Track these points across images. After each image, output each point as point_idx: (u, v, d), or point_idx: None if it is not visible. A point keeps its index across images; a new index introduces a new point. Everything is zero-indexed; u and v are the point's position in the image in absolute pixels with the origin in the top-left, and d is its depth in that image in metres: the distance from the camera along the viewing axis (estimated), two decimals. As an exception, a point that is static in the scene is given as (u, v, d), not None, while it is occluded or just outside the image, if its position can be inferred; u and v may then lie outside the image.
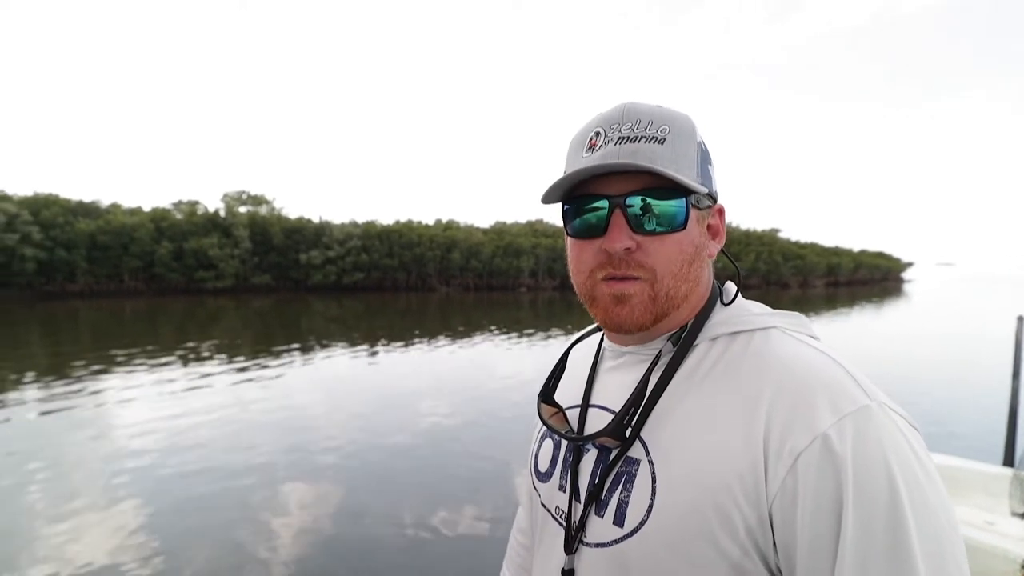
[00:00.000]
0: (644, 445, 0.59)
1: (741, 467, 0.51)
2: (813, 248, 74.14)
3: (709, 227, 0.65)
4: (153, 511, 4.06)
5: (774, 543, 0.50)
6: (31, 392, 8.22)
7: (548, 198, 0.63)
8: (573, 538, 0.63)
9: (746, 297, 0.68)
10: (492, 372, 9.62)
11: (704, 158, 0.62)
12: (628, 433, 0.59)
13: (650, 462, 0.57)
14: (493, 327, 17.43)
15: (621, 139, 0.59)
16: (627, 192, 0.58)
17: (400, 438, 5.77)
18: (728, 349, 0.59)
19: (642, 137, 0.59)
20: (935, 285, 68.58)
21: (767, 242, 66.82)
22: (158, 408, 7.10)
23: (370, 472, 4.86)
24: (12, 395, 7.95)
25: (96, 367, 10.09)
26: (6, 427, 6.34)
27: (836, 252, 78.89)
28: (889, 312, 28.12)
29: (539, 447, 0.75)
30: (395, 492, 4.41)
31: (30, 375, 9.40)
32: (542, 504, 0.71)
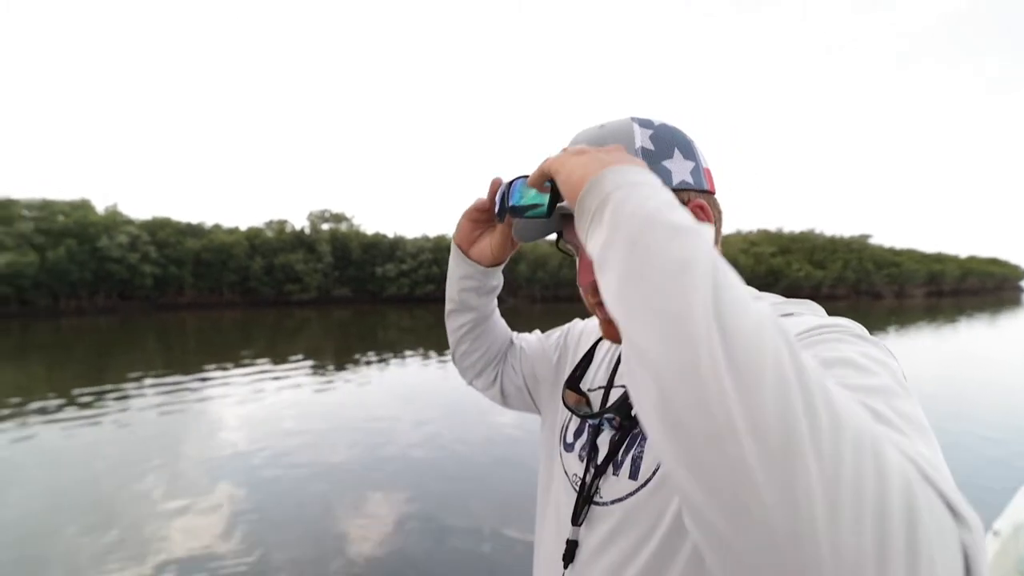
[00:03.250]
0: None
1: None
2: (911, 255, 68.08)
3: None
4: (244, 501, 4.55)
5: None
6: (148, 388, 9.43)
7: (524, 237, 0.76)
8: (582, 506, 0.67)
9: (833, 311, 0.64)
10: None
11: (654, 156, 0.61)
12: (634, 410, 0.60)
13: None
14: (559, 338, 17.55)
15: None
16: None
17: (471, 446, 6.00)
18: None
19: None
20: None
21: (856, 248, 62.18)
22: (250, 409, 7.90)
23: (441, 477, 5.10)
24: (132, 388, 9.16)
25: (199, 371, 11.33)
26: (126, 420, 7.36)
27: (939, 259, 71.94)
28: (1008, 325, 25.20)
29: (569, 420, 0.80)
30: (465, 499, 4.59)
31: (149, 376, 10.74)
32: (564, 472, 0.75)
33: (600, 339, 0.87)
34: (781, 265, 56.39)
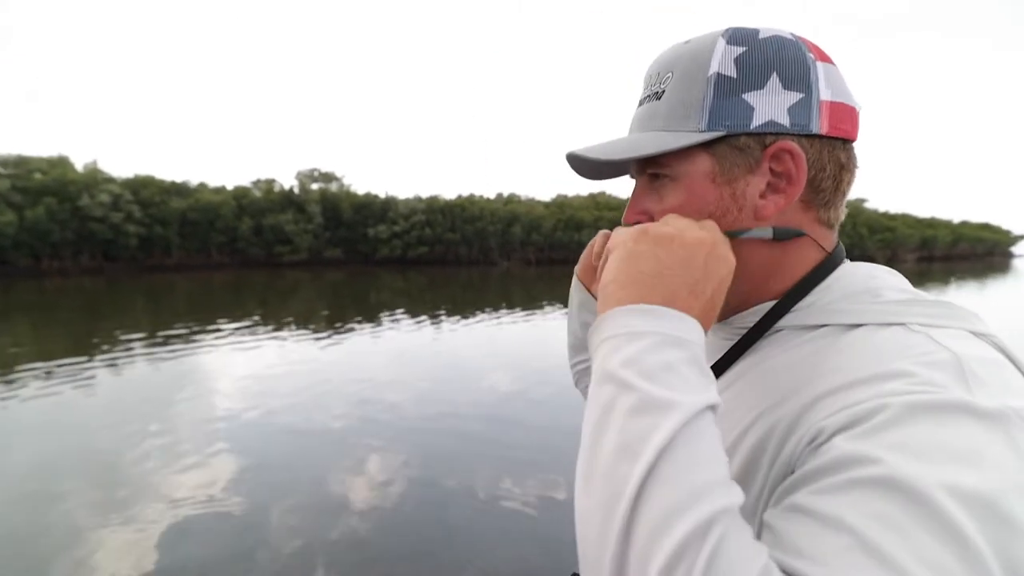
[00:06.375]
0: None
1: (776, 434, 0.41)
2: (904, 220, 68.23)
3: (773, 172, 0.47)
4: (238, 463, 4.41)
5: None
6: (137, 350, 9.15)
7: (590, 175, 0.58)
8: None
9: None
10: (553, 347, 9.65)
11: (733, 87, 0.47)
12: None
13: None
14: (555, 302, 17.39)
15: (640, 102, 0.54)
16: (638, 162, 0.52)
17: (464, 407, 5.94)
18: (825, 340, 0.46)
19: (648, 96, 0.52)
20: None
21: (851, 213, 61.78)
22: (243, 371, 7.67)
23: (435, 438, 5.03)
24: (120, 350, 8.89)
25: (190, 332, 11.04)
26: (116, 382, 7.12)
27: (931, 224, 72.20)
28: (996, 292, 25.36)
29: None
30: (459, 457, 4.57)
31: (138, 338, 10.44)
32: None
33: None
34: (776, 229, 56.22)
